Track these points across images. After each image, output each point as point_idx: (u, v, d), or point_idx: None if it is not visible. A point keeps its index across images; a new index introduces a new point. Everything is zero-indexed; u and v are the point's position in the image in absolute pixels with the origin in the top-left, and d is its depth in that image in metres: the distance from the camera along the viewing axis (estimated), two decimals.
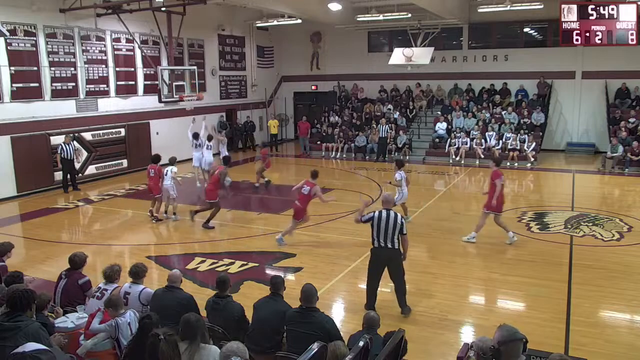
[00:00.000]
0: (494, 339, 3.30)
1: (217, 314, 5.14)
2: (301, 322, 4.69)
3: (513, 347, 3.23)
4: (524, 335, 3.26)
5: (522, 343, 3.27)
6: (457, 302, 7.23)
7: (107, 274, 5.53)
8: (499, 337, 3.27)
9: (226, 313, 5.12)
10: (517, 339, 3.25)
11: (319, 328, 4.57)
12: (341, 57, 23.73)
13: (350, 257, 8.89)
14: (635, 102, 18.97)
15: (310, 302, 4.79)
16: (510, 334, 3.26)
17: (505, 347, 3.21)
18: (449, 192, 14.39)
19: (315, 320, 4.68)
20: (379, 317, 4.73)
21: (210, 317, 5.13)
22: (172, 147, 18.38)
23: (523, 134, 18.52)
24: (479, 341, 3.87)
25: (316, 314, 4.75)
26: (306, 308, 4.77)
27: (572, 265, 8.50)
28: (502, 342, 3.23)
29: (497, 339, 3.27)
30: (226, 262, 8.79)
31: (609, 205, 12.77)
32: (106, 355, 4.64)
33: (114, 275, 5.55)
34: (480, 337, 3.94)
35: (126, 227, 11.67)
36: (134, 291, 5.46)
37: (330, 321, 4.76)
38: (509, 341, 3.23)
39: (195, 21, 18.39)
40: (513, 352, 3.23)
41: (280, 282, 5.27)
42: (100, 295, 5.37)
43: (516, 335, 3.26)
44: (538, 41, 21.28)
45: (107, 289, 5.40)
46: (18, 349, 3.43)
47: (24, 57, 14.01)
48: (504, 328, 3.33)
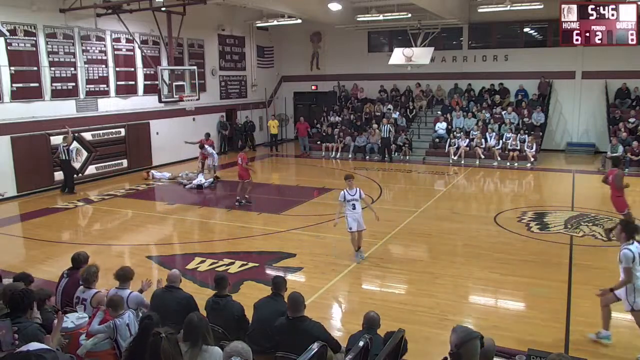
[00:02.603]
0: (451, 342, 3.28)
1: (217, 313, 5.13)
2: (290, 333, 4.64)
3: (471, 347, 3.23)
4: (478, 333, 3.27)
5: (479, 340, 3.29)
6: (457, 302, 7.23)
7: (84, 277, 5.37)
8: (455, 339, 3.26)
9: (226, 312, 5.11)
10: (473, 338, 3.25)
11: (308, 336, 4.46)
12: (341, 57, 23.73)
13: (350, 257, 8.89)
14: (635, 102, 18.97)
15: (298, 312, 4.70)
16: (466, 334, 3.25)
17: (464, 349, 3.22)
18: (449, 192, 14.39)
19: (304, 330, 4.60)
20: (378, 317, 4.73)
21: (210, 317, 5.11)
22: (172, 147, 18.50)
23: (523, 134, 18.53)
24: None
25: (304, 324, 4.67)
26: (293, 318, 4.68)
27: (572, 265, 8.49)
28: (460, 344, 3.23)
29: (454, 342, 3.25)
30: (226, 262, 8.79)
31: (609, 205, 12.75)
32: (105, 355, 4.65)
33: (91, 278, 5.39)
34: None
35: (126, 227, 11.67)
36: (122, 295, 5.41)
37: (318, 327, 4.69)
38: (466, 341, 3.23)
39: (195, 21, 18.39)
40: (471, 352, 3.23)
41: (282, 282, 5.26)
42: (82, 306, 5.24)
43: (472, 334, 3.26)
44: (538, 41, 21.28)
45: (86, 298, 5.28)
46: (22, 347, 3.44)
47: (24, 57, 14.01)
48: (458, 329, 3.32)
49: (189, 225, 11.69)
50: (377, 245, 9.60)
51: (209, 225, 11.63)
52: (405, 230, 10.65)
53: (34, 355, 3.27)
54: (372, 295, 7.68)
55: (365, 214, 8.80)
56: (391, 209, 12.52)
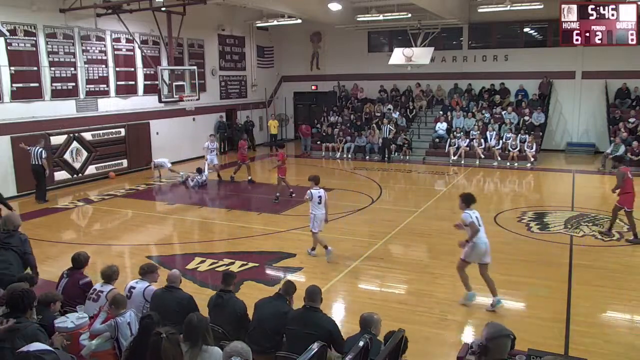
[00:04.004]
0: (482, 335, 3.36)
1: (220, 309, 5.14)
2: (303, 322, 4.71)
3: (500, 343, 3.29)
4: (511, 332, 3.31)
5: (510, 339, 3.33)
6: (457, 302, 7.22)
7: (106, 274, 5.50)
8: (486, 333, 3.34)
9: (229, 309, 5.14)
10: (504, 335, 3.30)
11: (320, 328, 4.58)
12: (341, 57, 23.72)
13: (350, 257, 8.90)
14: (635, 102, 18.96)
15: (314, 302, 4.82)
16: (497, 330, 3.33)
17: (492, 344, 3.27)
18: (449, 192, 14.38)
19: (317, 321, 4.70)
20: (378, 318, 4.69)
21: (212, 313, 5.14)
22: (172, 147, 18.50)
23: (523, 134, 18.52)
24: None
25: (318, 314, 4.78)
26: (309, 307, 4.79)
27: (572, 265, 8.49)
28: (490, 338, 3.30)
29: (485, 336, 3.33)
30: (226, 262, 8.79)
31: (609, 205, 12.74)
32: (106, 355, 4.64)
33: (113, 276, 5.53)
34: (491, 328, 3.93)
35: (126, 227, 11.67)
36: (139, 287, 5.47)
37: (331, 322, 4.77)
38: (497, 337, 3.29)
39: (195, 21, 18.39)
40: (500, 348, 3.29)
41: (291, 287, 5.26)
42: (95, 298, 5.33)
43: (503, 331, 3.32)
44: (538, 41, 21.28)
45: (103, 290, 5.37)
46: (22, 348, 3.44)
47: (24, 57, 14.00)
48: (491, 325, 3.40)
49: (189, 225, 11.68)
50: (377, 245, 9.60)
51: (209, 225, 11.63)
52: (405, 230, 10.65)
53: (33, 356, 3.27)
54: (372, 295, 7.68)
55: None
56: (391, 209, 12.53)
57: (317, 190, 8.77)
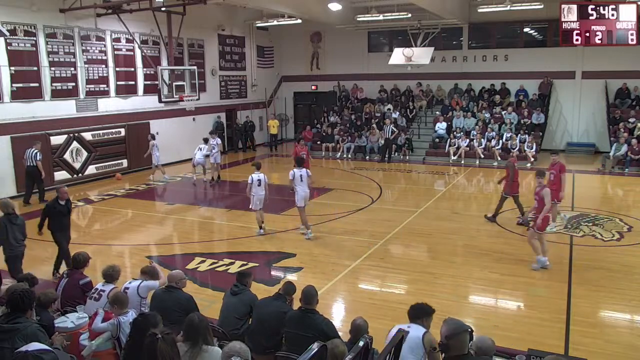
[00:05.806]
0: (441, 333, 3.36)
1: (235, 298, 5.32)
2: (300, 324, 4.68)
3: (460, 339, 3.30)
4: (469, 326, 3.32)
5: (468, 333, 3.33)
6: (457, 302, 7.23)
7: (108, 274, 5.51)
8: (445, 331, 3.34)
9: (245, 298, 5.33)
10: (462, 331, 3.31)
11: (317, 330, 4.55)
12: (341, 57, 23.73)
13: (350, 257, 8.90)
14: (635, 102, 18.97)
15: (310, 304, 4.79)
16: (456, 327, 3.33)
17: (452, 341, 3.27)
18: (449, 192, 14.38)
19: (314, 323, 4.66)
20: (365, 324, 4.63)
21: (225, 302, 5.37)
22: (172, 147, 18.50)
23: (523, 134, 18.52)
24: (478, 341, 3.88)
25: (315, 316, 4.74)
26: (305, 310, 4.76)
27: (572, 265, 8.50)
28: (449, 335, 3.29)
29: (444, 334, 3.33)
30: (226, 262, 8.79)
31: (609, 205, 12.77)
32: (106, 355, 4.64)
33: (114, 275, 5.54)
34: (479, 337, 3.94)
35: (126, 227, 11.67)
36: (132, 286, 5.48)
37: (328, 323, 4.74)
38: (456, 334, 3.28)
39: (195, 21, 18.39)
40: (460, 344, 3.31)
41: (291, 289, 5.28)
42: (97, 297, 5.34)
43: (462, 327, 3.34)
44: (538, 41, 21.27)
45: (105, 289, 5.38)
46: (21, 348, 3.43)
47: (24, 57, 14.00)
48: (449, 322, 3.40)
49: (189, 225, 11.68)
50: (377, 245, 9.60)
51: (209, 225, 11.63)
52: (405, 230, 10.65)
53: (32, 356, 3.26)
54: (372, 295, 7.67)
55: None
56: (391, 209, 12.54)
57: (257, 174, 10.16)
